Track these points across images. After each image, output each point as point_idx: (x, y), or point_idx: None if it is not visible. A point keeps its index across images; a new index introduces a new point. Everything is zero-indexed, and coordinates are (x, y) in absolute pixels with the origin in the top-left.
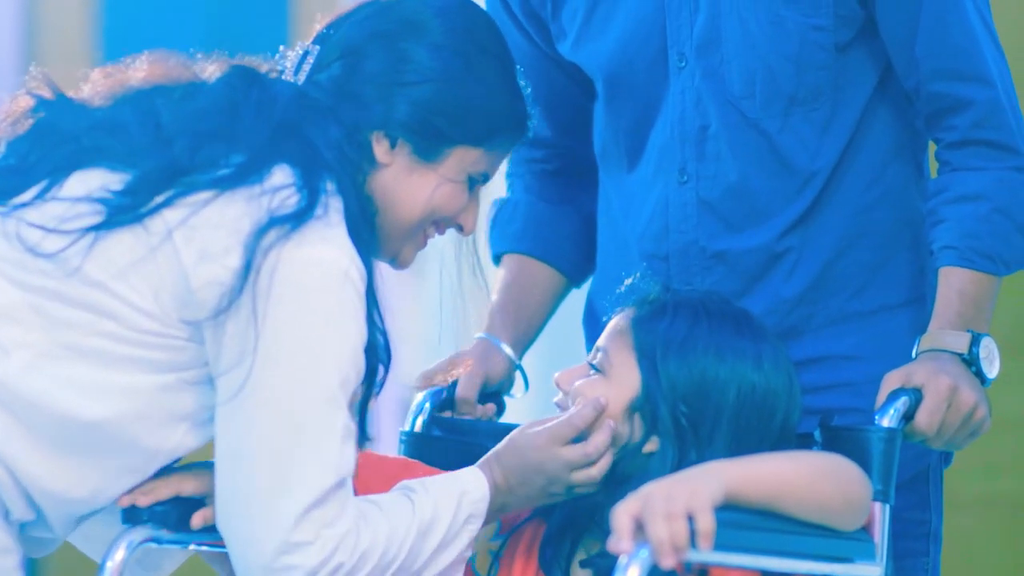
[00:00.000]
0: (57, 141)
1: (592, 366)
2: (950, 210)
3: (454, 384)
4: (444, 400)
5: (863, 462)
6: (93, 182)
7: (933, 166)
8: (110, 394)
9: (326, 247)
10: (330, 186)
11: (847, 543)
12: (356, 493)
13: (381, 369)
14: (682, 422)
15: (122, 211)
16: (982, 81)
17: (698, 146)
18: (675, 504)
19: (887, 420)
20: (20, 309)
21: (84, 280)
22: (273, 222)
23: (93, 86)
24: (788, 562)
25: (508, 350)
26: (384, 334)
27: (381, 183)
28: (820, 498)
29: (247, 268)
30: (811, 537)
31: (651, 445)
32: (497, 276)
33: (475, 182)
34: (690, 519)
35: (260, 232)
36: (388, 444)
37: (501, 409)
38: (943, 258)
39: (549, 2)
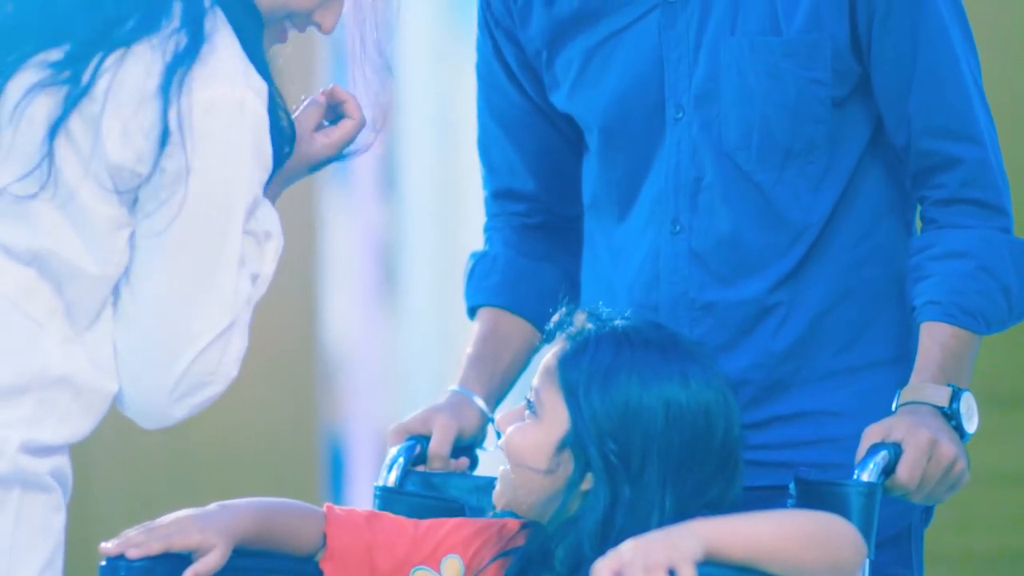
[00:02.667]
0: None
1: (529, 406)
2: (936, 266)
3: (427, 438)
4: (418, 455)
5: (843, 517)
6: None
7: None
8: None
9: (217, 85)
10: (207, 2)
11: None
12: (325, 543)
13: (286, 148)
14: (611, 459)
15: (69, 87)
16: (972, 140)
17: (692, 197)
18: (655, 556)
19: (867, 475)
20: (32, 282)
21: (64, 221)
22: (168, 74)
23: None
24: None
25: (481, 403)
26: (287, 112)
27: None
28: (805, 562)
29: (164, 132)
30: None
31: (587, 483)
32: (472, 329)
33: None
34: (671, 573)
35: (164, 89)
36: (365, 497)
37: (474, 463)
38: (926, 313)
39: (544, 52)
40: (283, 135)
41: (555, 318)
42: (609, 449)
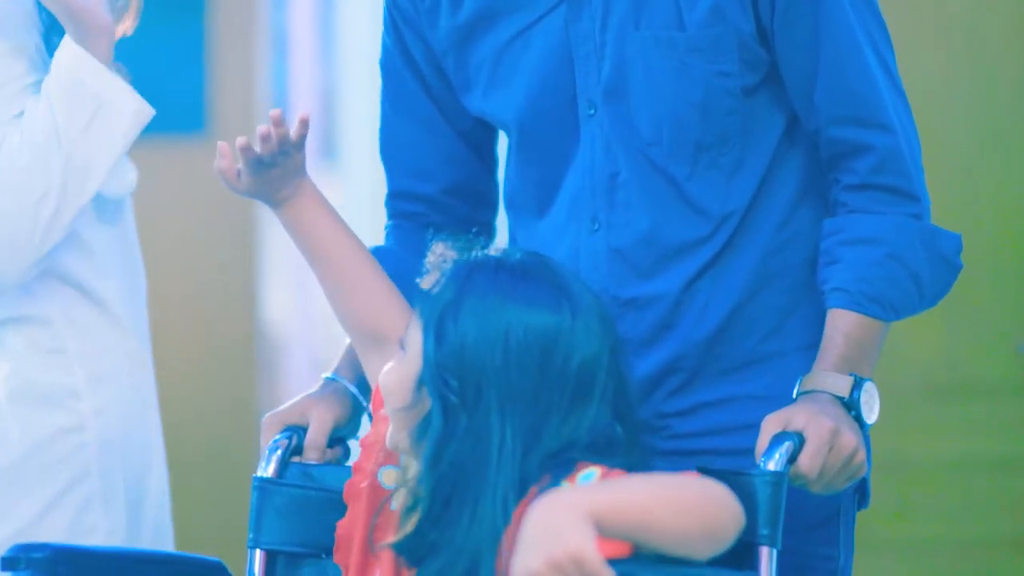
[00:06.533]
0: None
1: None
2: (844, 251)
3: (304, 428)
4: (296, 445)
5: (749, 506)
6: None
7: None
8: None
9: None
10: None
11: None
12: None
13: None
14: (448, 395)
15: None
16: (881, 127)
17: (608, 194)
18: (559, 556)
19: (772, 464)
20: None
21: None
22: None
23: None
24: None
25: (355, 392)
26: None
27: None
28: (681, 531)
29: None
30: None
31: None
32: None
33: None
34: None
35: None
36: None
37: (346, 453)
38: (833, 300)
39: (452, 53)
40: None
41: (430, 256)
42: (445, 382)
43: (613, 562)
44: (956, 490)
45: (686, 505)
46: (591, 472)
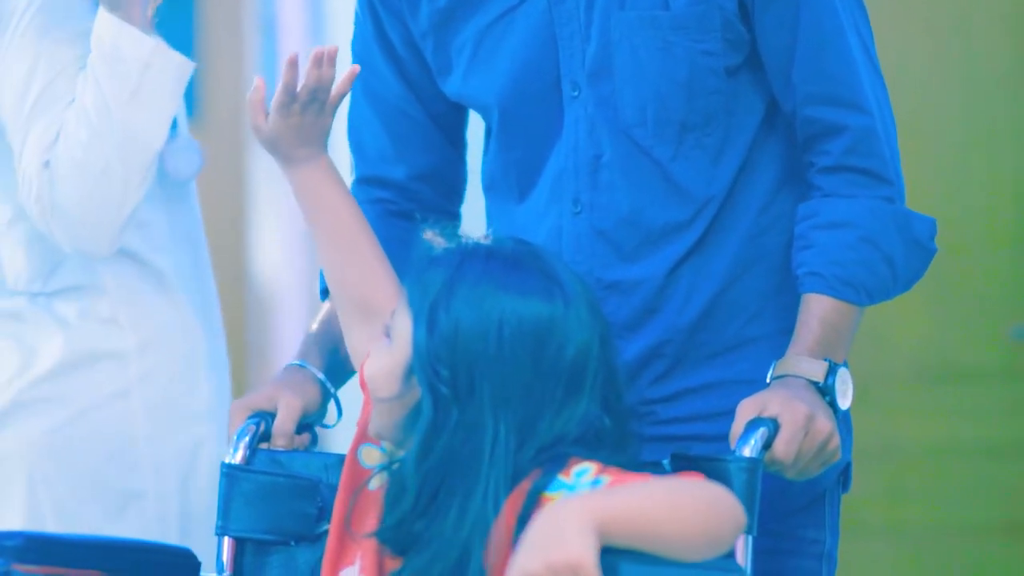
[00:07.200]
0: None
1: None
2: (818, 236)
3: (272, 415)
4: (264, 432)
5: None
6: None
7: None
8: None
9: None
10: None
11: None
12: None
13: None
14: (439, 386)
15: None
16: (857, 108)
17: (592, 175)
18: (556, 560)
19: (748, 450)
20: None
21: None
22: None
23: None
24: None
25: (323, 378)
26: None
27: None
28: (685, 538)
29: None
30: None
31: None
32: (321, 309)
33: None
34: None
35: None
36: None
37: (314, 439)
38: (807, 284)
39: (432, 36)
40: None
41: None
42: (436, 372)
43: (601, 551)
44: (946, 475)
45: (691, 511)
46: (586, 468)
